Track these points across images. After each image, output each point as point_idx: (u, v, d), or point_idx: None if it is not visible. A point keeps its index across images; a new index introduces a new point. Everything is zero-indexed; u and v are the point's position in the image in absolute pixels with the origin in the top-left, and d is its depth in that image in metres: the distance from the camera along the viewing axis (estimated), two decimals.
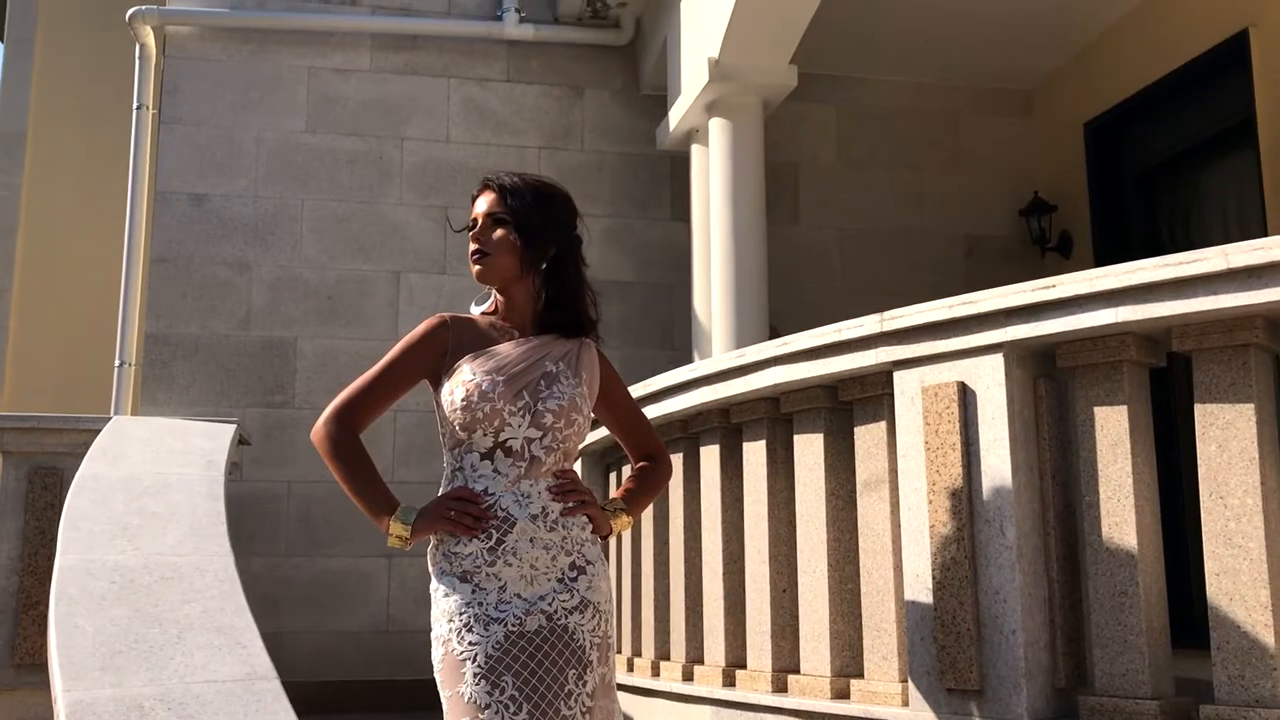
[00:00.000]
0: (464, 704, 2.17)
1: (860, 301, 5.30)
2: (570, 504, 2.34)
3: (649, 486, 2.61)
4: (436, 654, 2.27)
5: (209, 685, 2.63)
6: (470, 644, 2.20)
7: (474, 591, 2.24)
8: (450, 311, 2.45)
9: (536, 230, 2.38)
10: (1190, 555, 5.72)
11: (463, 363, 2.32)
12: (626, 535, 4.79)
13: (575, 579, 2.30)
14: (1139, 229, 6.92)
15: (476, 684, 2.17)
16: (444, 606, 2.27)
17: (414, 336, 2.39)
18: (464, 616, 2.22)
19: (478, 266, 2.39)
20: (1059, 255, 7.35)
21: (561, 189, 2.48)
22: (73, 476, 4.00)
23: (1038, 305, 2.80)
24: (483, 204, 2.41)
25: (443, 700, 2.24)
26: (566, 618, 2.26)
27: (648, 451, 2.62)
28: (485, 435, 2.30)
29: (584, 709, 2.24)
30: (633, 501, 2.53)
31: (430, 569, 2.36)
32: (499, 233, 2.37)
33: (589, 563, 2.34)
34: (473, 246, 2.39)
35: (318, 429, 2.35)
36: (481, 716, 2.15)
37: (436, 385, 2.39)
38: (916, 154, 7.69)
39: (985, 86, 7.75)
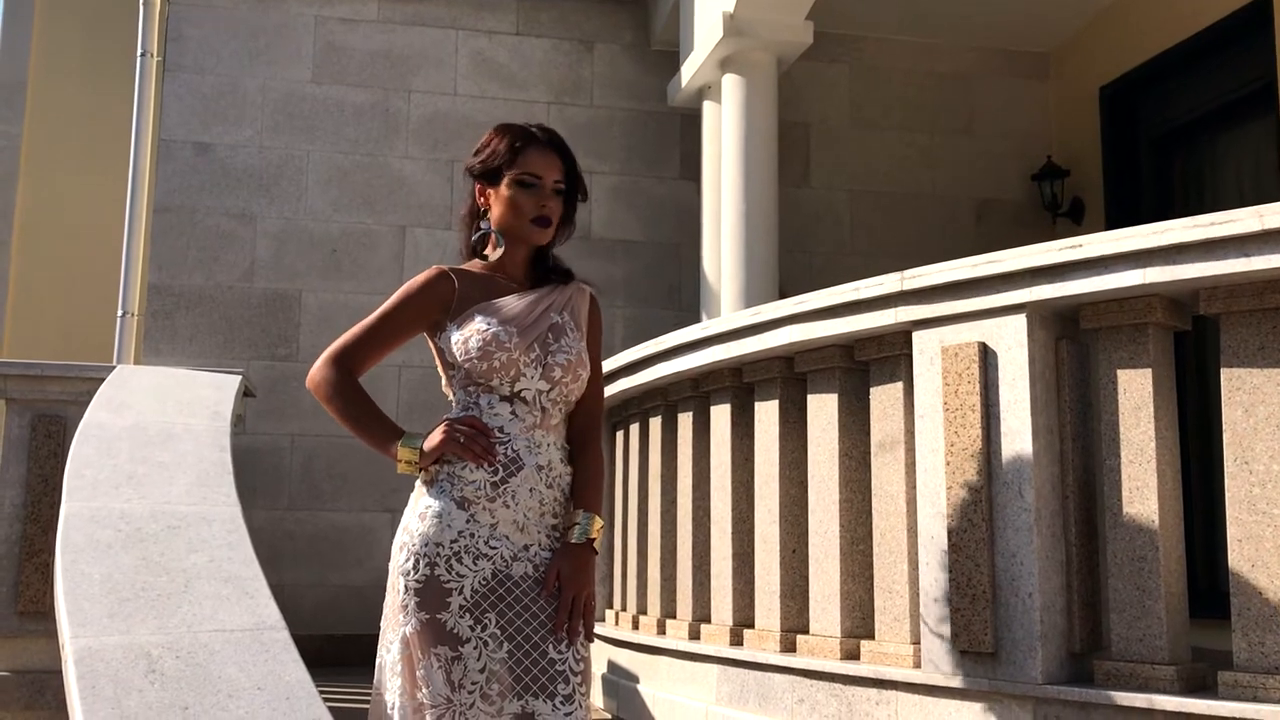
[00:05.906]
0: (443, 631, 2.15)
1: (870, 265, 5.25)
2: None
3: (599, 480, 2.41)
4: (405, 562, 2.21)
5: (217, 634, 2.60)
6: (459, 575, 2.18)
7: (468, 521, 2.21)
8: (447, 264, 2.39)
9: (576, 196, 2.41)
10: (1199, 525, 5.71)
11: (473, 312, 2.30)
12: (633, 492, 4.77)
13: (557, 541, 2.29)
14: (1152, 195, 6.85)
15: (461, 616, 2.15)
16: (432, 526, 2.21)
17: (413, 287, 2.34)
18: (455, 546, 2.19)
19: (547, 232, 2.35)
20: (1070, 221, 7.29)
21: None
22: (76, 425, 3.96)
23: (1063, 265, 2.75)
24: (554, 171, 2.35)
25: (410, 616, 2.17)
26: None
27: (588, 407, 2.43)
28: (502, 384, 2.28)
29: (578, 657, 2.21)
30: (597, 504, 2.36)
31: (425, 482, 2.28)
32: (560, 202, 2.37)
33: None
34: (542, 213, 2.34)
35: (314, 374, 2.32)
36: (462, 649, 2.14)
37: (435, 335, 2.35)
38: (929, 116, 7.60)
39: (1000, 49, 7.65)
